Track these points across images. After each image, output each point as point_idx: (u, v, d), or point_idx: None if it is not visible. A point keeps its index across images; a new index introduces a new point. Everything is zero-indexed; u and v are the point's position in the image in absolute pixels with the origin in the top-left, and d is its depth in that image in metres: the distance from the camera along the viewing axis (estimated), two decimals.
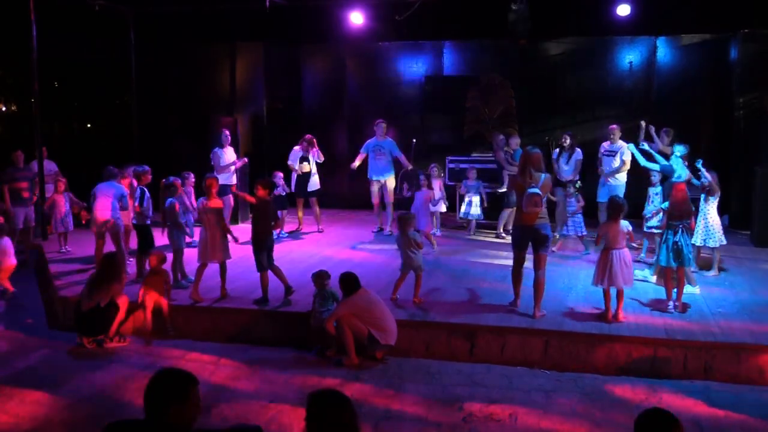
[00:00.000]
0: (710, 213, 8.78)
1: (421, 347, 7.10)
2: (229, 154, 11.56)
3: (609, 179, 10.67)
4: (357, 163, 11.63)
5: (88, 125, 19.86)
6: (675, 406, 5.71)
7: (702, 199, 8.85)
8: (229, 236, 8.24)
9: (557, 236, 10.38)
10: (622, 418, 5.59)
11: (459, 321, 7.19)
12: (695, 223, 8.52)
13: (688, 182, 8.17)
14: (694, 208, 7.71)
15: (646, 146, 9.51)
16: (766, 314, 7.33)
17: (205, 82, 14.35)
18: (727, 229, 11.82)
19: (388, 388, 6.24)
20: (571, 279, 8.64)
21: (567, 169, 10.87)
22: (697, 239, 8.72)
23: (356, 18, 12.59)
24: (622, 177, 10.59)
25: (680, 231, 7.47)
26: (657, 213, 9.21)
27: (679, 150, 8.34)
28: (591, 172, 11.10)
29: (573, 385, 6.34)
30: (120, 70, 14.14)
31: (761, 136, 10.96)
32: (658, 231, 8.69)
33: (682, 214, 7.52)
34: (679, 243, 7.44)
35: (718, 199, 8.86)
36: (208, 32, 13.95)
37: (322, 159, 11.62)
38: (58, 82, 18.22)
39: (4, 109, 20.24)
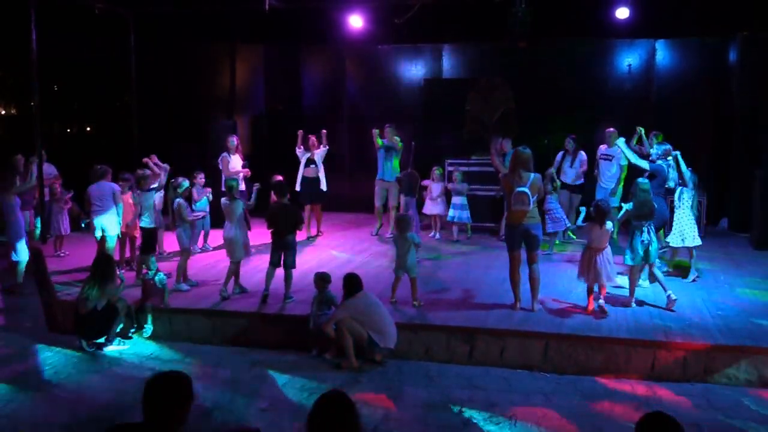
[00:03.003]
0: (686, 210, 8.72)
1: (420, 350, 7.10)
2: (236, 161, 11.32)
3: (603, 182, 10.68)
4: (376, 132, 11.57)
5: (88, 126, 19.84)
6: (675, 409, 5.71)
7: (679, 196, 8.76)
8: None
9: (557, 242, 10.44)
10: (622, 421, 5.60)
11: (458, 324, 7.18)
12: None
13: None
14: (657, 207, 7.86)
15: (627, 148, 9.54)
16: (766, 317, 7.34)
17: (205, 83, 14.35)
18: (727, 232, 11.91)
19: (387, 392, 6.24)
20: (570, 282, 8.62)
21: (572, 172, 10.87)
22: (677, 239, 8.73)
23: (355, 21, 12.58)
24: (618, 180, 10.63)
25: (645, 230, 7.61)
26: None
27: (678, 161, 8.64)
28: (589, 174, 11.11)
29: (572, 388, 6.35)
30: (120, 71, 14.13)
31: (761, 139, 10.96)
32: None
33: (646, 214, 7.64)
34: (645, 241, 7.59)
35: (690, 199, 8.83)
36: (208, 33, 13.95)
37: (327, 146, 11.57)
38: (58, 83, 18.21)
39: (3, 112, 20.24)
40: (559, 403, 6.01)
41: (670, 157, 8.78)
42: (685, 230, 8.62)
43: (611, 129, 10.77)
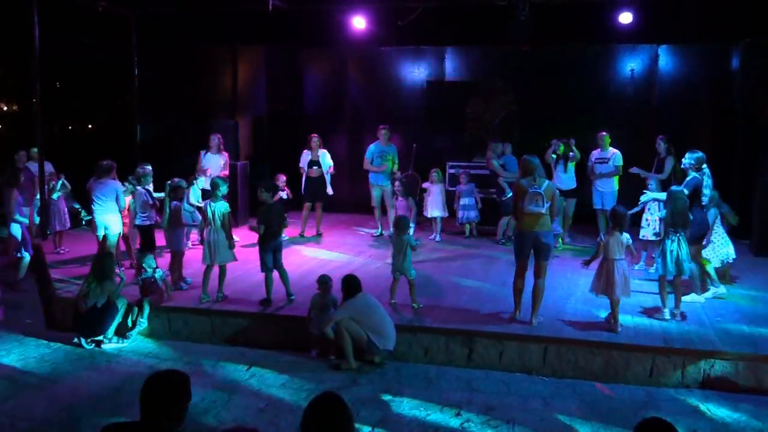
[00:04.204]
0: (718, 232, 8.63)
1: (419, 352, 7.10)
2: (213, 160, 11.11)
3: (599, 186, 10.68)
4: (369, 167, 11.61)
5: (89, 125, 19.88)
6: (673, 415, 5.70)
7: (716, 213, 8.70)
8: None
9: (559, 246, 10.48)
10: (620, 426, 5.59)
11: (458, 326, 7.18)
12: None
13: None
14: (692, 218, 7.70)
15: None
16: (765, 323, 7.33)
17: (206, 84, 14.36)
18: None
19: (386, 393, 6.24)
20: (570, 286, 8.64)
21: (566, 177, 10.86)
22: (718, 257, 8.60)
23: (358, 23, 12.59)
24: (613, 183, 10.61)
25: (678, 240, 7.46)
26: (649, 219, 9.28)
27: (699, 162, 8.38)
28: (586, 178, 11.11)
29: (571, 392, 6.35)
30: (121, 71, 14.14)
31: (762, 146, 10.95)
32: (656, 239, 8.64)
33: (680, 223, 7.51)
34: (676, 252, 7.42)
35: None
36: (210, 35, 13.97)
37: (333, 171, 11.59)
38: (60, 82, 18.23)
39: (5, 109, 20.27)
40: (558, 407, 6.01)
41: (705, 165, 8.40)
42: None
43: (603, 132, 10.76)
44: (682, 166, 8.51)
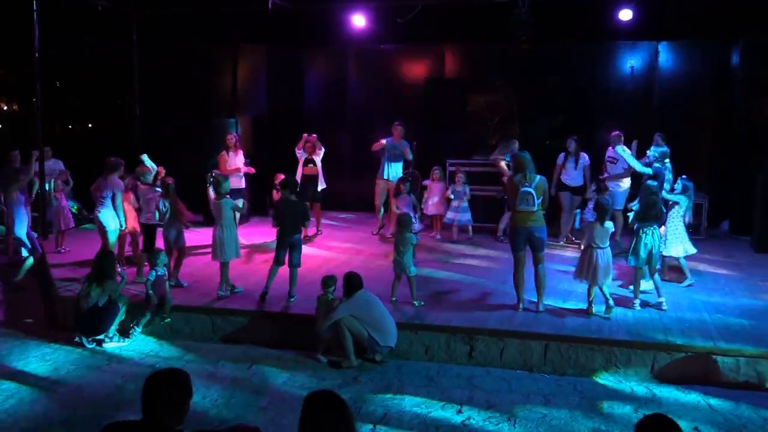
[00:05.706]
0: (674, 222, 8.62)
1: (420, 350, 7.11)
2: (235, 159, 11.34)
3: (610, 185, 10.67)
4: (376, 147, 11.56)
5: (90, 125, 19.89)
6: (675, 412, 5.71)
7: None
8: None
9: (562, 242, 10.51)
10: (622, 423, 5.60)
11: (459, 324, 7.18)
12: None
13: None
14: (665, 212, 7.92)
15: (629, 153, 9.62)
16: (766, 319, 7.33)
17: (207, 84, 14.36)
18: (728, 234, 11.91)
19: (386, 391, 6.25)
20: (571, 282, 8.61)
21: (576, 174, 10.86)
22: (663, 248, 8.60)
23: (358, 21, 12.60)
24: (625, 183, 10.59)
25: (650, 233, 7.61)
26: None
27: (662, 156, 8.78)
28: (596, 176, 11.11)
29: (572, 390, 6.35)
30: (122, 71, 14.15)
31: (762, 143, 10.94)
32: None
33: (650, 217, 7.64)
34: (649, 245, 7.59)
35: (683, 209, 8.68)
36: (211, 34, 13.97)
37: (322, 148, 11.56)
38: (60, 81, 18.24)
39: (5, 108, 20.29)
40: (559, 404, 6.01)
41: (667, 160, 8.78)
42: (685, 240, 8.59)
43: (616, 132, 10.73)
44: (647, 159, 8.76)
